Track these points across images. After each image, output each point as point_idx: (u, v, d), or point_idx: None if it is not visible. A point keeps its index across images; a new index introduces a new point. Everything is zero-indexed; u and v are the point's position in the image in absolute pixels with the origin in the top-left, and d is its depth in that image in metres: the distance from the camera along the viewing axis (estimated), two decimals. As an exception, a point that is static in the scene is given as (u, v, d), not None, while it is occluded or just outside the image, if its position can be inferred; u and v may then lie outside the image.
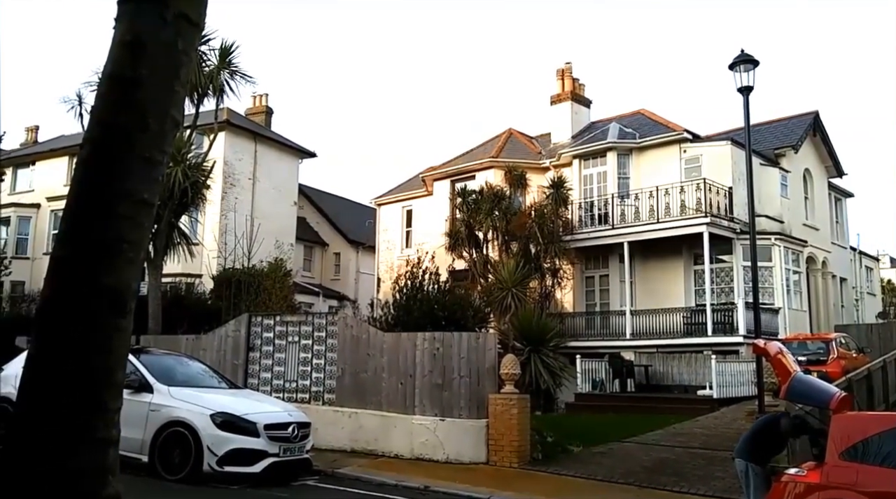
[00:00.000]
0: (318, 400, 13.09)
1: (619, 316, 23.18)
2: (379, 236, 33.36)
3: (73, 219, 3.49)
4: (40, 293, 3.51)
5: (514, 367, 12.01)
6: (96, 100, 3.71)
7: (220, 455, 9.19)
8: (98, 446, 3.44)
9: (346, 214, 41.60)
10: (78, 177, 3.56)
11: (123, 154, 3.48)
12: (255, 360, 13.82)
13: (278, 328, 13.78)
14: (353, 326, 13.44)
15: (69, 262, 3.44)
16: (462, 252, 23.39)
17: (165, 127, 3.64)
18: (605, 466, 11.78)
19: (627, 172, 24.94)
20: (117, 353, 3.53)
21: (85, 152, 3.55)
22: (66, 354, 3.37)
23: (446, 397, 12.12)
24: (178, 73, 3.69)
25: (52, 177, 34.17)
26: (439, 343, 12.35)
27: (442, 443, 11.90)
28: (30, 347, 3.52)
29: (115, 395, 3.56)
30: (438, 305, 14.22)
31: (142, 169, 3.54)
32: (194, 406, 9.50)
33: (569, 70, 29.81)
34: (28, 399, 3.40)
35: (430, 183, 29.99)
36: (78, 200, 3.50)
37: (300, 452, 10.08)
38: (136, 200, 3.52)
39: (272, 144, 34.36)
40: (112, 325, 3.48)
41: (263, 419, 9.71)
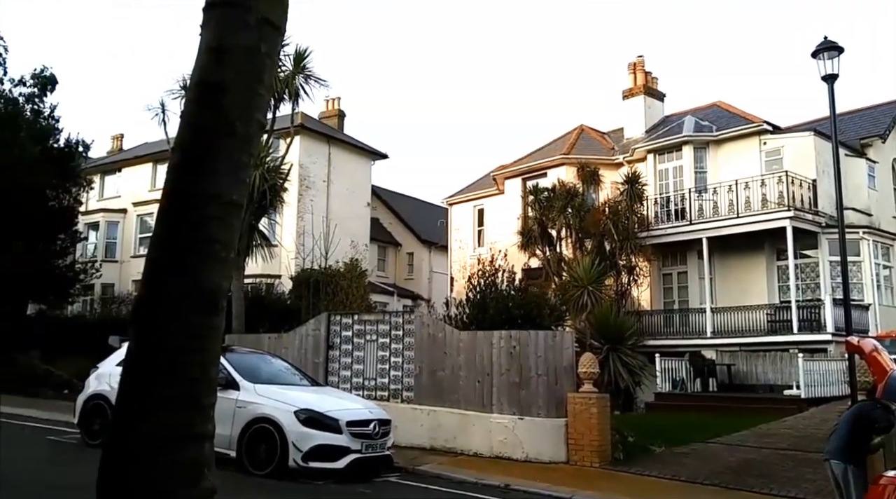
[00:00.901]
0: (397, 398, 13.21)
1: (698, 314, 22.62)
2: (451, 236, 33.47)
3: (166, 221, 3.61)
4: (136, 294, 3.65)
5: (593, 365, 11.87)
6: (185, 105, 3.83)
7: (304, 451, 9.39)
8: (194, 440, 3.55)
9: (418, 214, 41.94)
10: (170, 180, 3.68)
11: (212, 157, 3.58)
12: (334, 358, 14.05)
13: (356, 327, 13.97)
14: (430, 325, 13.52)
15: (163, 263, 3.56)
16: (535, 250, 23.26)
17: (251, 130, 3.74)
18: (689, 466, 11.52)
19: (704, 166, 24.32)
20: (211, 351, 3.63)
21: (176, 156, 3.67)
22: (162, 352, 3.49)
23: (524, 396, 12.07)
24: (261, 76, 3.79)
25: (137, 183, 35.53)
26: (516, 342, 12.31)
27: (521, 441, 11.85)
28: (128, 346, 3.66)
29: (209, 391, 3.66)
30: (514, 303, 14.17)
31: (230, 171, 3.64)
32: (279, 403, 9.72)
33: (641, 64, 29.28)
34: (127, 395, 3.53)
35: (501, 181, 29.93)
36: (170, 203, 3.62)
37: (381, 449, 10.20)
38: (225, 201, 3.62)
39: (345, 147, 34.90)
40: (205, 323, 3.59)
41: (346, 416, 9.87)
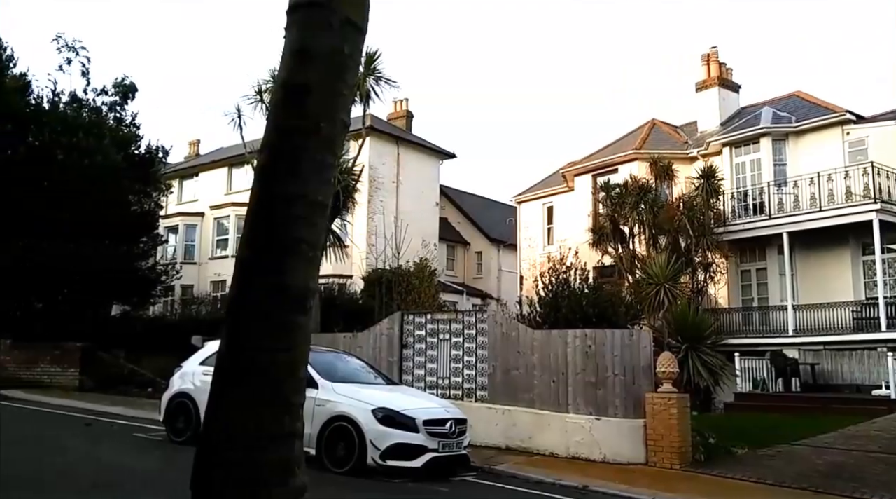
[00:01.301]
0: (471, 397, 13.19)
1: (779, 311, 21.89)
2: (520, 234, 33.31)
3: (255, 222, 3.67)
4: (227, 294, 3.71)
5: (672, 365, 11.60)
6: (271, 107, 3.89)
7: (382, 449, 9.46)
8: (285, 439, 3.59)
9: (486, 213, 41.91)
10: (258, 181, 3.73)
11: (298, 158, 3.61)
12: (408, 357, 14.13)
13: (430, 326, 14.02)
14: (503, 324, 13.45)
15: (253, 263, 3.61)
16: (607, 248, 22.91)
17: (335, 130, 3.76)
18: (775, 469, 11.14)
19: (784, 159, 23.50)
20: (300, 350, 3.67)
21: (263, 158, 3.72)
22: (252, 352, 3.54)
23: (600, 396, 11.89)
24: (344, 77, 3.81)
25: (213, 186, 36.60)
26: (591, 341, 12.14)
27: (598, 442, 11.68)
28: (220, 345, 3.73)
29: (298, 390, 3.70)
30: (587, 301, 13.97)
31: (315, 171, 3.66)
32: (356, 402, 9.82)
33: (714, 55, 28.52)
34: (219, 394, 3.59)
35: (571, 178, 29.62)
36: (258, 204, 3.67)
37: (458, 448, 10.19)
38: (311, 201, 3.65)
39: (413, 147, 35.15)
40: (294, 323, 3.62)
41: (422, 415, 9.90)
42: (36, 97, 24.03)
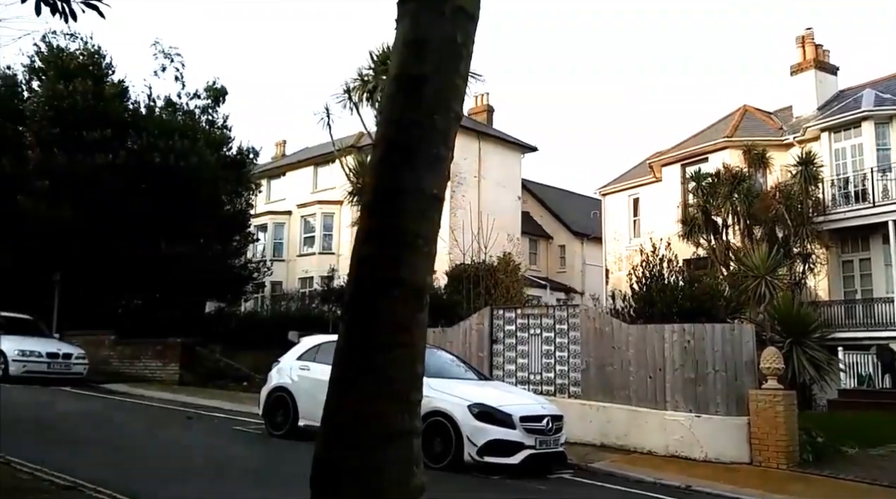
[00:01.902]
0: (564, 393, 12.99)
1: (885, 303, 20.78)
2: (605, 227, 32.74)
3: (371, 217, 3.63)
4: (345, 290, 3.69)
5: (777, 360, 11.12)
6: (384, 101, 3.84)
7: (479, 446, 9.40)
8: (404, 437, 3.54)
9: (569, 206, 41.41)
10: (373, 176, 3.69)
11: (413, 151, 3.55)
12: (498, 352, 14.03)
13: (520, 321, 13.88)
14: (596, 319, 13.19)
15: (369, 259, 3.57)
16: (699, 239, 22.21)
17: (449, 122, 3.68)
18: (890, 470, 10.57)
19: (887, 143, 22.26)
20: (418, 346, 3.62)
21: (378, 152, 3.68)
22: (370, 348, 3.50)
23: (700, 392, 11.51)
24: (458, 66, 3.73)
25: (300, 185, 37.41)
26: (689, 335, 11.76)
27: (698, 440, 11.31)
28: (337, 341, 3.71)
29: (417, 387, 3.64)
30: (684, 295, 13.55)
31: (430, 164, 3.60)
32: (452, 397, 9.77)
33: (810, 36, 27.27)
34: (337, 391, 3.56)
35: (658, 169, 28.89)
36: (374, 198, 3.63)
37: (555, 445, 10.04)
38: (428, 194, 3.58)
39: (494, 142, 35.01)
40: (412, 319, 3.57)
41: (518, 411, 9.79)
42: (133, 102, 25.07)
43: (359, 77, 17.37)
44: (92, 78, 23.68)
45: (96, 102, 23.23)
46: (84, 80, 23.25)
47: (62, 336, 21.02)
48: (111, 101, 23.70)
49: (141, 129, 23.37)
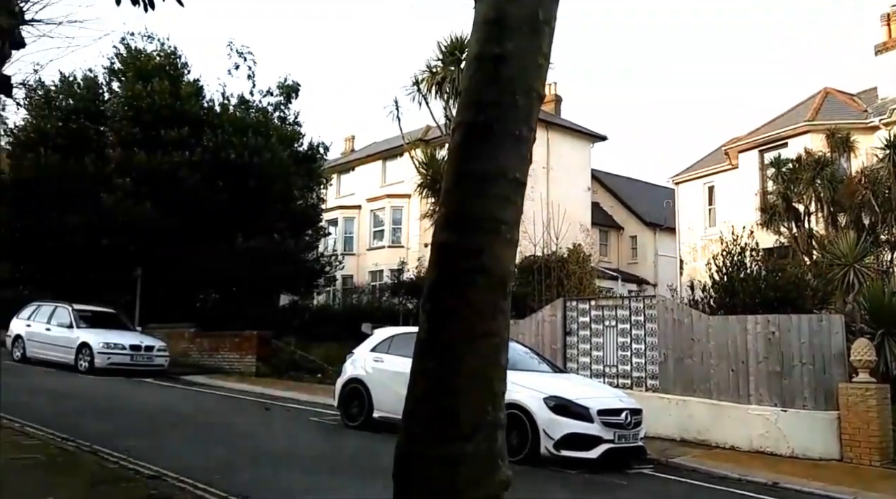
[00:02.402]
0: (641, 386, 12.69)
1: (983, 293, 19.56)
2: (678, 216, 31.92)
3: (451, 203, 3.52)
4: (426, 278, 3.59)
5: (869, 352, 10.58)
6: (464, 83, 3.72)
7: (556, 439, 9.24)
8: (488, 429, 3.43)
9: (640, 196, 40.61)
10: (453, 160, 3.58)
11: (495, 132, 3.43)
12: (572, 344, 13.81)
13: (594, 313, 13.62)
14: (674, 310, 12.83)
15: (451, 246, 3.47)
16: (779, 227, 21.37)
17: (531, 102, 3.54)
18: None
19: (980, 122, 20.95)
20: (501, 336, 3.50)
21: (458, 136, 3.56)
22: (454, 338, 3.40)
23: (786, 386, 11.06)
24: (540, 44, 3.58)
25: (368, 180, 37.75)
26: (774, 327, 11.31)
27: (784, 435, 10.88)
28: (418, 332, 3.62)
29: (501, 377, 3.53)
30: (767, 284, 13.04)
31: (512, 146, 3.47)
32: (527, 389, 9.62)
33: (896, 14, 25.88)
34: (420, 382, 3.48)
35: (735, 155, 27.97)
36: (455, 183, 3.51)
37: (634, 439, 9.78)
38: (510, 178, 3.45)
39: (563, 132, 34.55)
40: (496, 308, 3.45)
41: (596, 405, 9.58)
42: (208, 101, 25.67)
43: (427, 69, 17.32)
44: (169, 78, 24.35)
45: (173, 102, 23.88)
46: (161, 80, 23.93)
47: (144, 329, 21.73)
48: (187, 100, 24.33)
49: (216, 127, 23.91)
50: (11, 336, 20.63)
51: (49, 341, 19.48)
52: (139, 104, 23.52)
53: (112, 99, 25.31)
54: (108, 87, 26.20)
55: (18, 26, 9.96)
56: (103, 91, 26.12)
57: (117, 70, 25.64)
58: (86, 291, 23.11)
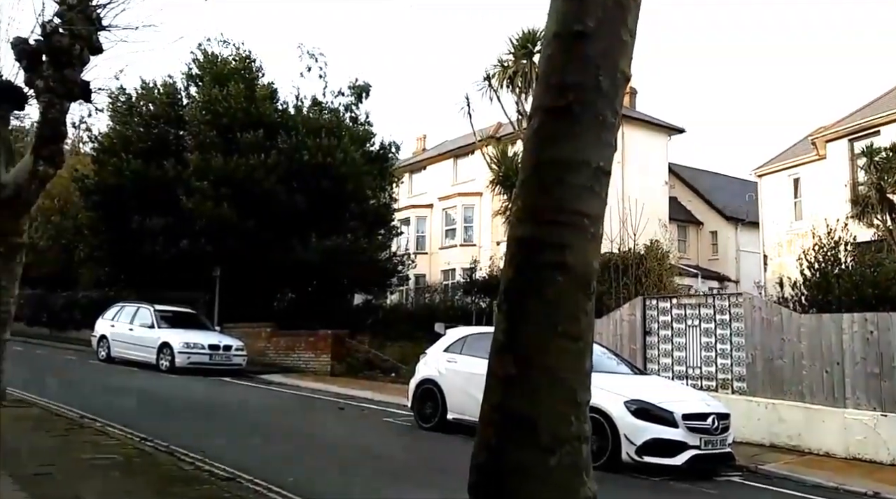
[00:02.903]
0: (726, 388, 12.09)
1: None
2: (762, 210, 30.68)
3: (530, 194, 3.23)
4: (502, 276, 3.33)
5: (981, 353, 9.76)
6: (542, 64, 3.42)
7: (637, 445, 8.82)
8: (573, 441, 3.14)
9: (720, 190, 39.28)
10: (531, 148, 3.29)
11: (576, 117, 3.13)
12: (652, 344, 13.30)
13: (675, 311, 13.07)
14: (762, 308, 12.17)
15: (529, 241, 3.19)
16: (872, 220, 20.21)
17: (616, 83, 3.22)
18: None
19: None
20: (585, 338, 3.20)
21: (535, 122, 3.27)
22: (533, 341, 3.13)
23: (886, 388, 10.31)
24: (625, 19, 3.26)
25: (440, 178, 37.72)
26: (872, 326, 10.57)
27: (885, 441, 10.14)
28: (494, 333, 3.36)
29: (585, 385, 3.23)
30: (864, 280, 12.25)
31: (596, 132, 3.16)
32: (606, 392, 9.18)
33: None
34: (496, 389, 3.21)
35: (822, 145, 26.63)
36: (533, 173, 3.23)
37: (721, 445, 9.27)
38: (593, 167, 3.15)
39: (638, 124, 33.69)
40: (580, 308, 3.16)
41: (680, 409, 9.11)
42: (282, 103, 26.03)
43: (498, 63, 17.03)
44: (244, 81, 24.80)
45: (248, 105, 24.30)
46: (237, 83, 24.39)
47: (222, 329, 22.15)
48: (262, 103, 24.72)
49: (290, 128, 24.20)
50: (97, 336, 21.35)
51: (132, 341, 20.06)
52: (216, 108, 24.03)
53: (190, 104, 25.96)
54: (186, 92, 26.91)
55: (96, 32, 10.19)
56: (181, 96, 26.83)
57: (195, 75, 26.29)
58: (166, 291, 23.76)
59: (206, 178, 23.03)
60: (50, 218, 28.90)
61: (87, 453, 7.17)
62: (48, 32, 9.38)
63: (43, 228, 28.99)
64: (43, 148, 9.81)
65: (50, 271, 31.45)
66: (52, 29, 9.37)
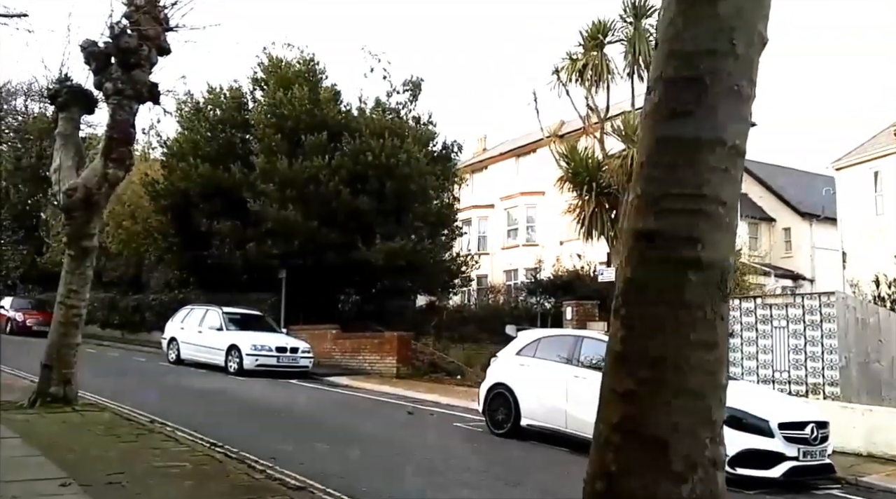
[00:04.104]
0: (817, 393, 11.35)
1: None
2: (840, 205, 29.31)
3: (652, 180, 2.78)
4: (617, 276, 2.91)
5: None
6: (664, 29, 2.94)
7: (730, 456, 8.22)
8: (707, 467, 2.68)
9: (793, 185, 37.73)
10: (650, 127, 2.85)
11: (706, 88, 2.68)
12: (735, 347, 12.60)
13: (760, 312, 12.37)
14: (856, 308, 11.43)
15: (653, 234, 2.74)
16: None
17: (752, 48, 2.75)
18: None
19: None
20: (720, 347, 2.75)
21: (657, 94, 2.81)
22: (660, 352, 2.69)
23: None
24: None
25: (502, 178, 37.27)
26: (983, 327, 9.76)
27: None
28: (609, 342, 2.94)
29: (720, 401, 2.77)
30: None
31: (730, 105, 2.70)
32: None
33: None
34: (613, 401, 2.79)
35: (906, 136, 25.28)
36: (656, 157, 2.78)
37: (821, 456, 8.63)
38: (728, 146, 2.70)
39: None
40: (714, 311, 2.72)
41: (775, 416, 8.49)
42: (346, 105, 25.98)
43: (567, 56, 16.52)
44: (308, 84, 24.82)
45: (312, 108, 24.30)
46: (301, 86, 24.42)
47: (288, 331, 22.15)
48: (326, 105, 24.70)
49: (353, 130, 24.10)
50: (166, 339, 21.58)
51: (200, 343, 20.18)
52: (281, 111, 24.12)
53: (255, 107, 26.14)
54: (251, 96, 27.12)
55: (164, 33, 10.13)
56: (247, 100, 27.06)
57: (260, 79, 26.48)
58: (234, 293, 23.95)
59: (272, 181, 23.12)
60: (121, 223, 29.51)
61: (158, 461, 7.00)
62: (116, 34, 9.35)
63: (114, 233, 29.63)
64: (112, 151, 9.79)
65: (122, 275, 32.20)
66: (120, 30, 9.33)
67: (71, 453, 7.22)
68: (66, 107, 10.66)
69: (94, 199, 9.89)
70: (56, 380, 10.07)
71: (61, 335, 10.20)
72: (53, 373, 10.08)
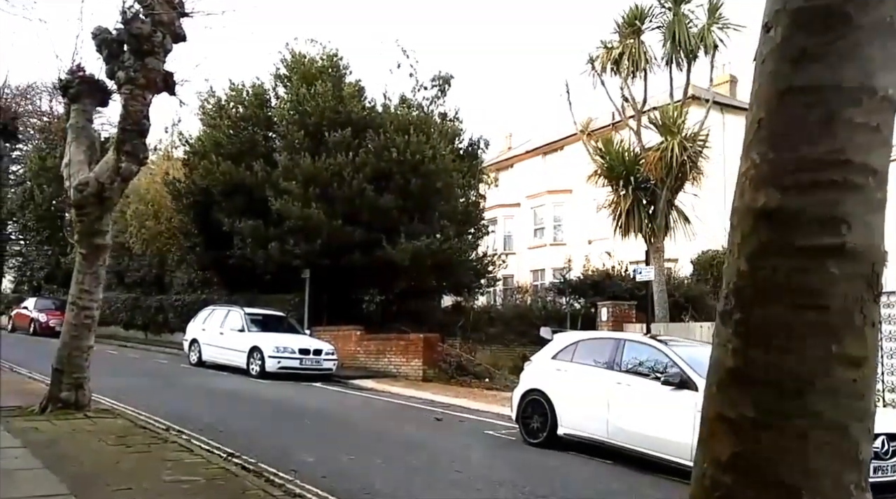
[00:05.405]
0: (882, 401, 10.56)
1: None
2: None
3: (773, 145, 2.13)
4: (726, 271, 2.27)
5: None
6: None
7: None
8: None
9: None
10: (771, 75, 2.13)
11: (849, 20, 2.00)
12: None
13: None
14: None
15: (777, 214, 2.07)
16: None
17: None
18: None
19: None
20: (870, 364, 2.08)
21: (781, 32, 2.10)
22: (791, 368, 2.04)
23: None
24: None
25: (528, 176, 36.62)
26: None
27: None
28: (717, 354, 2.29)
29: (869, 435, 2.12)
30: None
31: (881, 43, 2.00)
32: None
33: None
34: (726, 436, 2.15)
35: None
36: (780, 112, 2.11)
37: (893, 471, 7.87)
38: (879, 96, 2.03)
39: (741, 114, 31.60)
40: (863, 314, 2.05)
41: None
42: (370, 101, 25.41)
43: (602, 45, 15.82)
44: (331, 80, 24.30)
45: (336, 104, 23.77)
46: (324, 82, 23.91)
47: (311, 332, 21.65)
48: (350, 101, 24.15)
49: (378, 127, 23.52)
50: (188, 340, 21.18)
51: (222, 345, 19.74)
52: (303, 108, 23.64)
53: (278, 104, 25.69)
54: (274, 92, 26.69)
55: (179, 18, 9.61)
56: (269, 97, 26.64)
57: (282, 75, 26.04)
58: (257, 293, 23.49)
59: (295, 178, 22.64)
60: (144, 223, 29.27)
61: (170, 474, 6.46)
62: (128, 19, 8.83)
63: (137, 233, 29.40)
64: (125, 143, 9.29)
65: (144, 275, 31.99)
66: (132, 15, 8.82)
67: (77, 465, 6.72)
68: (78, 98, 10.18)
69: (107, 194, 9.40)
70: (67, 384, 9.60)
71: (73, 338, 9.73)
72: (64, 377, 9.60)
